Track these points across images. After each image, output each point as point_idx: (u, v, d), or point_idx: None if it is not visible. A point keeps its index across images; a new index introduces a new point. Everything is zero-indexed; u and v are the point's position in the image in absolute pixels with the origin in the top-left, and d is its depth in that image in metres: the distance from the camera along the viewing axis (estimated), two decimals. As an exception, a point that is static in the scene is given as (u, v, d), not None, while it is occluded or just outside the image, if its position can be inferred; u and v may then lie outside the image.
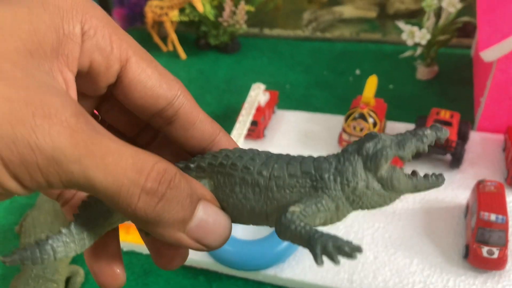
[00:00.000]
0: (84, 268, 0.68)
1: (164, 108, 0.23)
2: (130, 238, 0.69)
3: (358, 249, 0.19)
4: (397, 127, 0.82)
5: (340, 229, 0.67)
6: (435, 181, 0.23)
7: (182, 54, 1.10)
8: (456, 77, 0.96)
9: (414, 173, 0.23)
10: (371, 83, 0.79)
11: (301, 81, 1.00)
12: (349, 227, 0.67)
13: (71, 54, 0.20)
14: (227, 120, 0.91)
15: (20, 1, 0.19)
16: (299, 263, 0.64)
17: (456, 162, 0.73)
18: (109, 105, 0.25)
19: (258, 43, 1.14)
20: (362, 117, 0.74)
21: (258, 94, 0.85)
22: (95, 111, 0.26)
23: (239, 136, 0.79)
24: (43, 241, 0.22)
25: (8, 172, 0.16)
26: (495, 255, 0.59)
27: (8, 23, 0.18)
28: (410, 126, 0.82)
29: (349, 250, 0.19)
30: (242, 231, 0.69)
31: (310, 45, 1.11)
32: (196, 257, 0.66)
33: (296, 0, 1.12)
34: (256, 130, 0.82)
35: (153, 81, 0.22)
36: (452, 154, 0.73)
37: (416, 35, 0.85)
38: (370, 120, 0.74)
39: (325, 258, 0.20)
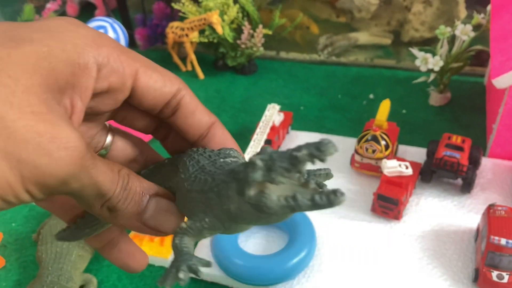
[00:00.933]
0: (97, 277, 0.69)
1: (169, 101, 0.28)
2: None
3: (194, 268, 0.23)
4: (409, 151, 0.83)
5: (347, 247, 0.68)
6: (324, 203, 0.20)
7: (200, 74, 1.13)
8: (468, 104, 0.97)
9: (294, 196, 0.21)
10: (384, 107, 0.80)
11: (315, 103, 1.02)
12: (355, 243, 0.68)
13: (84, 86, 0.24)
14: (241, 138, 0.93)
15: (41, 41, 0.22)
16: (309, 280, 0.64)
17: (467, 186, 0.74)
18: (123, 112, 0.29)
19: (274, 66, 1.16)
20: (375, 139, 0.75)
21: (273, 114, 0.87)
22: (111, 121, 0.30)
23: (253, 154, 0.80)
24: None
25: (24, 189, 0.20)
26: (505, 280, 0.59)
27: (32, 62, 0.21)
28: (422, 151, 0.83)
29: (184, 275, 0.23)
30: (253, 246, 0.70)
31: (325, 69, 1.13)
32: (206, 271, 0.67)
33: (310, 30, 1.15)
34: (270, 149, 0.84)
35: (159, 83, 0.27)
36: (463, 178, 0.73)
37: (429, 62, 0.87)
38: (383, 143, 0.75)
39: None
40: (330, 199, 0.20)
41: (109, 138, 0.30)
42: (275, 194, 0.21)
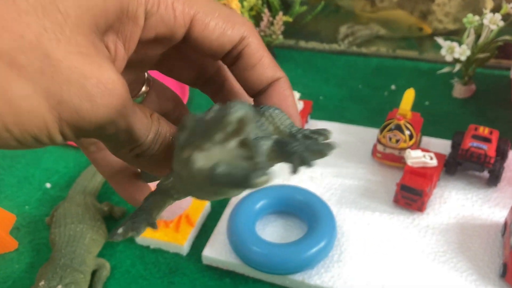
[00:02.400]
0: (110, 262, 0.68)
1: (229, 51, 0.25)
2: (157, 235, 0.69)
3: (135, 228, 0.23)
4: (432, 142, 0.81)
5: (368, 238, 0.66)
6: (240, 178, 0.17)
7: (217, 62, 1.11)
8: (494, 97, 0.94)
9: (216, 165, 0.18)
10: (409, 96, 0.78)
11: (335, 93, 1.00)
12: (376, 235, 0.66)
13: (129, 35, 0.22)
14: (259, 127, 0.91)
15: None
16: (328, 271, 0.62)
17: (494, 179, 0.71)
18: (171, 62, 0.27)
19: (293, 55, 1.14)
20: (399, 128, 0.73)
21: (292, 102, 0.84)
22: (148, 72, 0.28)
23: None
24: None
25: (59, 130, 0.19)
26: (535, 275, 0.56)
27: (84, 1, 0.19)
28: (446, 143, 0.80)
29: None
30: (270, 234, 0.68)
31: (345, 59, 1.11)
32: (222, 258, 0.65)
33: (331, 15, 1.13)
34: (288, 137, 0.82)
35: (217, 32, 0.24)
36: (490, 171, 0.71)
37: (455, 51, 0.84)
38: (407, 132, 0.73)
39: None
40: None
41: (144, 88, 0.28)
42: (205, 159, 0.19)
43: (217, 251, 0.66)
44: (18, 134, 0.18)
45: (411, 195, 0.67)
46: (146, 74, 0.28)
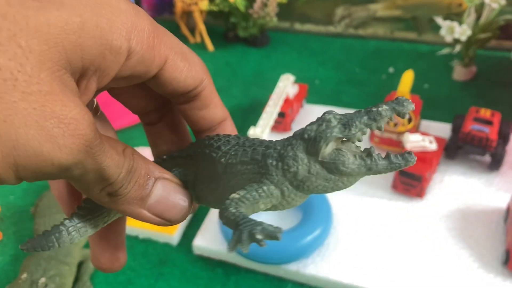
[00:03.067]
0: (98, 253, 0.65)
1: (189, 91, 0.25)
2: (146, 225, 0.66)
3: (272, 235, 0.19)
4: (432, 126, 0.78)
5: (365, 226, 0.63)
6: (400, 162, 0.20)
7: (210, 46, 1.08)
8: (495, 79, 0.91)
9: (369, 152, 0.21)
10: (407, 77, 0.75)
11: (332, 77, 0.97)
12: (374, 222, 0.63)
13: (107, 70, 0.20)
14: (253, 113, 0.88)
15: (74, 8, 0.18)
16: (324, 260, 0.60)
17: (495, 163, 0.68)
18: (124, 89, 0.26)
19: (288, 38, 1.11)
20: (397, 111, 0.70)
21: (286, 86, 0.82)
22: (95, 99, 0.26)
23: (265, 127, 0.76)
24: (48, 231, 0.24)
25: (15, 175, 0.18)
26: (539, 263, 0.54)
27: (55, 32, 0.18)
28: (446, 126, 0.77)
29: (263, 237, 0.19)
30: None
31: (342, 42, 1.08)
32: (214, 248, 0.62)
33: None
34: (283, 122, 0.79)
35: (185, 74, 0.24)
36: (491, 154, 0.68)
37: (456, 31, 0.81)
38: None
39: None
40: (405, 157, 0.20)
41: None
42: (350, 152, 0.21)
43: (208, 240, 0.64)
44: None
45: (410, 181, 0.65)
46: (95, 102, 0.27)
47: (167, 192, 0.24)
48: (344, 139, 0.21)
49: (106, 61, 0.20)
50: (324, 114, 0.22)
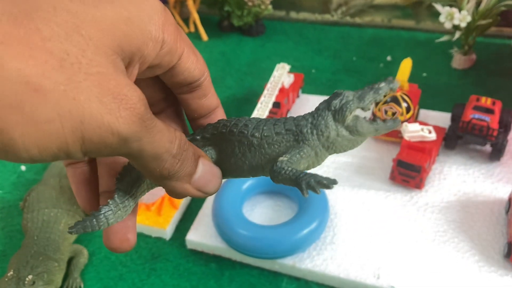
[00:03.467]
0: (88, 248, 0.63)
1: (195, 82, 0.28)
2: (138, 219, 0.64)
3: (334, 182, 0.24)
4: (431, 115, 0.76)
5: (363, 218, 0.61)
6: (392, 124, 0.27)
7: (204, 36, 1.05)
8: (495, 67, 0.89)
9: (374, 119, 0.27)
10: (406, 66, 0.73)
11: (328, 66, 0.95)
12: (371, 214, 0.62)
13: (146, 57, 0.24)
14: (247, 103, 0.86)
15: (122, 4, 0.22)
16: (320, 253, 0.58)
17: (496, 153, 0.66)
18: (141, 80, 0.28)
19: (283, 27, 1.08)
20: (395, 100, 0.68)
21: (282, 75, 0.79)
22: None
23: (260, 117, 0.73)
24: (97, 212, 0.26)
25: (81, 149, 0.20)
26: (542, 255, 0.52)
27: (109, 23, 0.21)
28: (445, 116, 0.75)
29: (327, 182, 0.24)
30: (259, 216, 0.63)
31: (338, 30, 1.05)
32: (207, 242, 0.61)
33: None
34: (278, 112, 0.77)
35: (194, 66, 0.27)
36: (492, 144, 0.66)
37: (455, 17, 0.79)
38: (404, 105, 0.68)
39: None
40: (393, 120, 0.27)
41: None
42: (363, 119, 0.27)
43: (202, 234, 0.62)
44: (36, 154, 0.19)
45: (408, 172, 0.63)
46: None
47: (207, 168, 0.27)
48: (359, 108, 0.26)
49: (148, 49, 0.23)
50: (336, 92, 0.27)
